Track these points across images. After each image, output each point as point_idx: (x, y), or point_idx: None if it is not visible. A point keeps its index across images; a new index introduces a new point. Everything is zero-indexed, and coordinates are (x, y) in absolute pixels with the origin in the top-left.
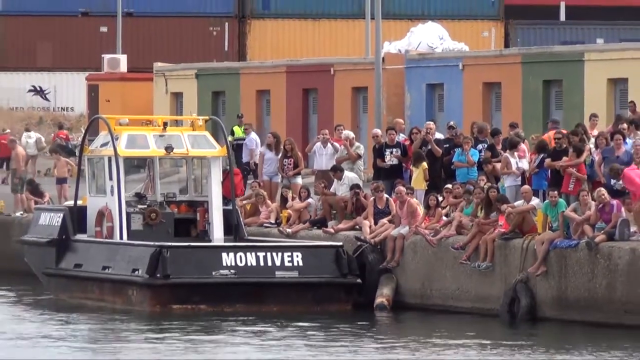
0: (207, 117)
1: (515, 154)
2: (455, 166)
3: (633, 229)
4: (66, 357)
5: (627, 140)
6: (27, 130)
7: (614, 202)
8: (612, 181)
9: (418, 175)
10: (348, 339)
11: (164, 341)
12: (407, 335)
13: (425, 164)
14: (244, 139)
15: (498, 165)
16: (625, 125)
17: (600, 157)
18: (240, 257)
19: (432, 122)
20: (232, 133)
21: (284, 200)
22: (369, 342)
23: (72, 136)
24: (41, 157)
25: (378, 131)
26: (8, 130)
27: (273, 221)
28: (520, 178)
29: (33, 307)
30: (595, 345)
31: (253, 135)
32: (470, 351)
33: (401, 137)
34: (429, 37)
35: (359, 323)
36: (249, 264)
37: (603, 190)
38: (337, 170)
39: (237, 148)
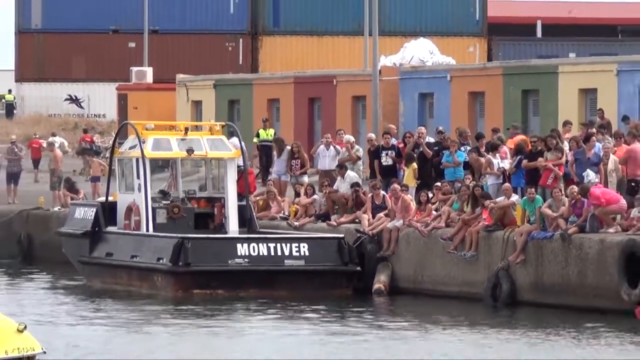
0: (223, 123)
1: (497, 155)
2: (444, 166)
3: None
4: (99, 335)
5: (596, 143)
6: (53, 134)
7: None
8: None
9: (409, 174)
10: (349, 321)
11: (186, 322)
12: (401, 317)
13: (415, 164)
14: (269, 141)
15: (482, 160)
16: (594, 130)
17: (572, 158)
18: (253, 247)
19: (423, 127)
20: (258, 135)
21: (297, 194)
22: (367, 323)
23: (104, 139)
24: (70, 158)
25: (372, 135)
26: (37, 135)
27: (286, 212)
28: (501, 177)
29: (69, 291)
30: (568, 325)
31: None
32: (456, 330)
33: (394, 141)
34: (421, 51)
35: (358, 308)
36: (261, 254)
37: (575, 187)
38: (342, 167)
39: (262, 148)
